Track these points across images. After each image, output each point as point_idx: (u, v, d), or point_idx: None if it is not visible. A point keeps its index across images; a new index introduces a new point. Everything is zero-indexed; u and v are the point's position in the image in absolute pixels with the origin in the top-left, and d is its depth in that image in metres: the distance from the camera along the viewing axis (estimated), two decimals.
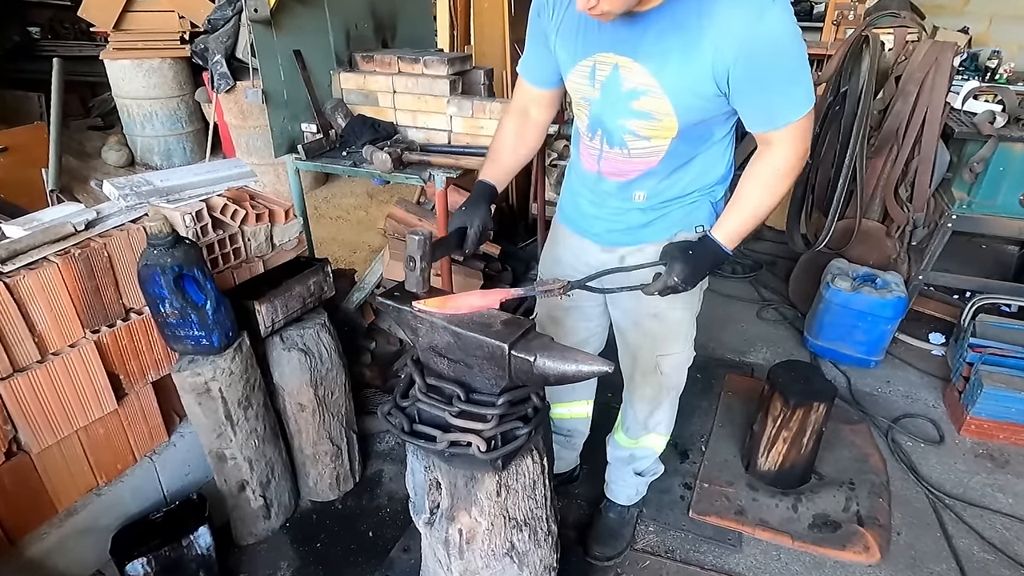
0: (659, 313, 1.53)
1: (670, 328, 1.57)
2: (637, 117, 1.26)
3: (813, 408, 1.97)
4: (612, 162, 1.37)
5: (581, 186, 1.50)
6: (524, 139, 1.51)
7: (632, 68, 1.21)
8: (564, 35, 1.29)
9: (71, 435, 1.58)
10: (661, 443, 1.83)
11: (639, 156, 1.33)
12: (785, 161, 1.24)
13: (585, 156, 1.43)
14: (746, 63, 1.12)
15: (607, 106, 1.29)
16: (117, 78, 4.58)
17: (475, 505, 1.24)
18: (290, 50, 2.37)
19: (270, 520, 1.94)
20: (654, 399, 1.70)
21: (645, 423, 1.76)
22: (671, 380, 1.67)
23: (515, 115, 1.50)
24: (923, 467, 2.27)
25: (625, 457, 1.87)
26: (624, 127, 1.29)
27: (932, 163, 2.68)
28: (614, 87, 1.25)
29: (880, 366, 2.80)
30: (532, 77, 1.45)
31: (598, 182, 1.43)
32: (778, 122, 1.20)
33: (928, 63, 2.60)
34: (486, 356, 1.12)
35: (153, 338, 1.68)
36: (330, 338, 1.95)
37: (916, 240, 2.85)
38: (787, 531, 1.97)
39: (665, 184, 1.37)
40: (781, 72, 1.14)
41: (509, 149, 1.49)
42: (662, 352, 1.60)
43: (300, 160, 2.39)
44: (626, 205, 1.42)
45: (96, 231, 1.56)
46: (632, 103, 1.24)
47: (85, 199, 3.93)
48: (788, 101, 1.17)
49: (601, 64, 1.25)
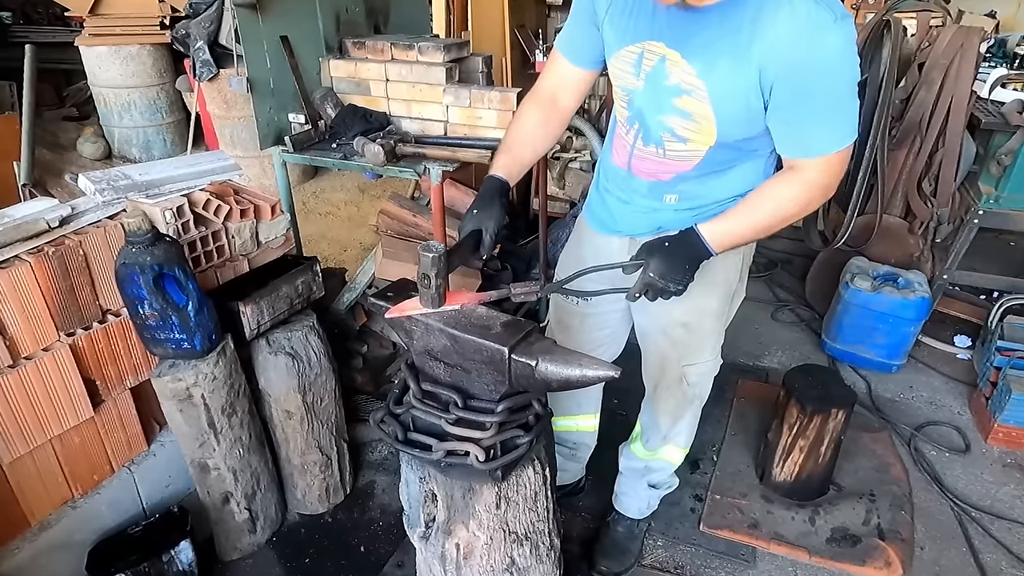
0: (689, 323, 1.52)
1: (700, 338, 1.55)
2: (678, 115, 1.24)
3: (831, 415, 1.97)
4: (644, 160, 1.36)
5: (609, 182, 1.48)
6: (548, 130, 1.45)
7: (679, 64, 1.19)
8: (616, 13, 1.27)
9: (45, 444, 1.58)
10: (679, 456, 1.83)
11: (674, 158, 1.32)
12: (808, 190, 1.22)
13: (617, 149, 1.42)
14: (789, 81, 1.10)
15: (649, 99, 1.27)
16: (93, 66, 4.58)
17: (473, 518, 1.24)
18: (277, 36, 2.37)
19: (256, 534, 1.94)
20: (677, 411, 1.70)
21: (666, 435, 1.76)
22: (696, 391, 1.66)
23: (540, 102, 1.45)
24: (948, 477, 2.27)
25: (640, 469, 1.87)
26: (663, 124, 1.28)
27: (957, 155, 2.68)
28: (659, 79, 1.23)
29: (902, 371, 2.80)
30: (572, 54, 1.41)
31: (628, 179, 1.42)
32: (812, 151, 1.18)
33: (953, 49, 2.60)
34: (485, 360, 1.12)
35: (132, 341, 1.68)
36: (319, 341, 1.95)
37: (940, 237, 2.85)
38: (804, 546, 1.97)
39: (699, 189, 1.35)
40: (826, 98, 1.12)
41: (529, 141, 1.43)
42: (689, 362, 1.59)
43: (287, 153, 2.39)
44: (656, 204, 1.40)
45: (71, 228, 1.56)
46: (675, 100, 1.22)
47: (59, 194, 3.93)
48: (827, 131, 1.15)
49: (649, 53, 1.23)
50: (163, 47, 4.62)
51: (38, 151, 4.21)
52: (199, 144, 4.66)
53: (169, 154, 4.81)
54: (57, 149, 4.68)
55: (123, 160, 4.78)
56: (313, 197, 4.69)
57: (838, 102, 1.13)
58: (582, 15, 1.35)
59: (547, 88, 1.46)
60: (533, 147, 1.45)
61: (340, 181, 4.92)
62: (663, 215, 1.41)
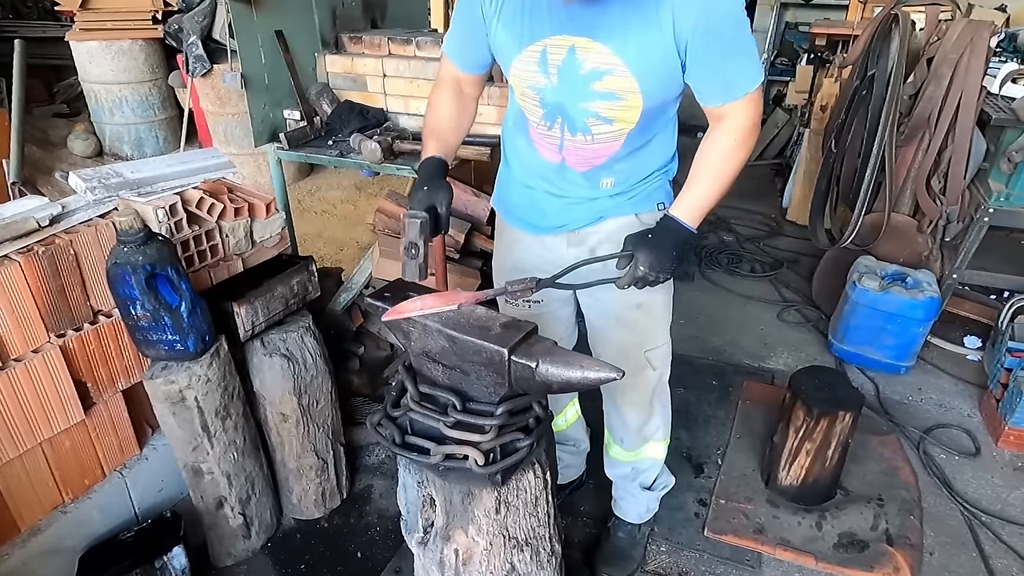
0: (644, 302, 1.55)
1: (656, 318, 1.60)
2: (601, 98, 1.28)
3: (838, 418, 1.97)
4: (575, 150, 1.39)
5: (536, 179, 1.50)
6: (465, 116, 1.52)
7: (591, 48, 1.23)
8: (508, 19, 1.29)
9: (35, 448, 1.58)
10: (661, 450, 1.84)
11: (603, 140, 1.36)
12: (741, 131, 1.30)
13: (543, 146, 1.44)
14: (705, 33, 1.18)
15: (566, 92, 1.30)
16: (84, 61, 4.58)
17: (472, 523, 1.24)
18: (271, 31, 2.37)
19: (250, 539, 1.94)
20: (645, 402, 1.71)
21: (641, 431, 1.76)
22: (661, 376, 1.70)
23: (448, 91, 1.50)
24: (958, 482, 2.27)
25: (627, 473, 1.88)
26: (587, 111, 1.31)
27: (967, 152, 2.68)
28: (572, 71, 1.26)
29: (911, 372, 2.80)
30: (462, 63, 1.45)
31: (561, 172, 1.44)
32: (736, 92, 1.26)
33: (963, 44, 2.60)
34: (484, 362, 1.12)
35: (123, 343, 1.68)
36: (315, 343, 1.95)
37: (950, 235, 2.85)
38: (810, 551, 1.97)
39: (630, 167, 1.42)
40: (737, 42, 1.22)
41: (453, 127, 1.50)
42: (650, 346, 1.62)
43: (282, 150, 2.39)
44: (593, 194, 1.45)
45: (61, 227, 1.56)
46: (594, 84, 1.26)
47: (49, 192, 3.93)
48: (745, 71, 1.25)
49: (554, 48, 1.26)
50: (155, 42, 4.62)
51: (28, 148, 4.22)
52: (192, 141, 4.67)
53: (161, 151, 4.81)
54: (47, 146, 4.68)
55: (114, 158, 4.79)
56: (309, 195, 4.70)
57: (746, 42, 1.24)
58: (469, 22, 1.37)
59: (449, 82, 1.51)
60: (456, 131, 1.51)
61: (336, 179, 4.92)
62: (601, 203, 1.46)
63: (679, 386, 2.69)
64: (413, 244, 1.17)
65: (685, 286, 3.53)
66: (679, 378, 2.74)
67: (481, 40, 1.37)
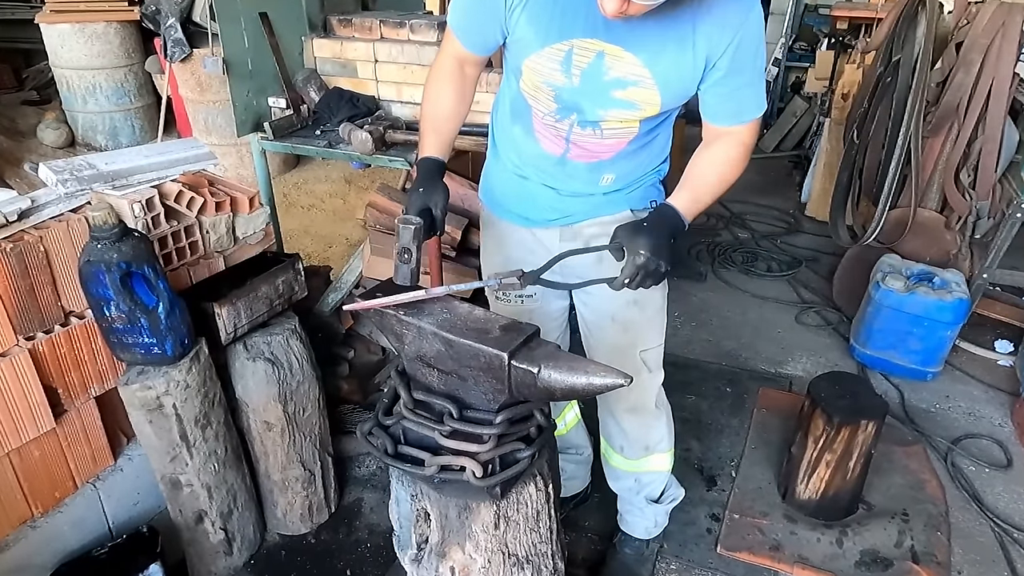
0: (640, 299, 1.55)
1: (650, 316, 1.63)
2: (619, 107, 1.34)
3: (860, 427, 1.97)
4: (582, 144, 1.43)
5: (531, 169, 1.52)
6: (464, 103, 1.54)
7: (622, 57, 1.28)
8: (534, 12, 1.30)
9: (1, 458, 1.58)
10: (667, 461, 1.85)
11: (612, 138, 1.42)
12: (743, 151, 1.39)
13: (546, 137, 1.46)
14: (732, 59, 1.27)
15: (586, 95, 1.34)
16: (55, 45, 4.58)
17: (469, 539, 1.24)
18: (255, 12, 2.38)
19: (232, 556, 1.94)
20: (642, 407, 1.73)
21: (642, 440, 1.78)
22: (657, 379, 1.72)
23: (450, 76, 1.51)
24: (988, 495, 2.27)
25: (631, 485, 1.88)
26: (602, 115, 1.37)
27: (999, 143, 2.68)
28: (596, 76, 1.31)
29: (938, 379, 2.80)
30: (469, 42, 1.45)
31: (561, 164, 1.47)
32: (744, 117, 1.37)
33: (994, 28, 2.61)
34: (482, 367, 1.12)
35: (97, 346, 1.69)
36: (301, 346, 1.95)
37: (980, 232, 2.85)
38: (831, 569, 1.97)
39: (632, 165, 1.49)
40: (755, 70, 1.32)
41: (450, 115, 1.51)
42: (645, 346, 1.65)
43: (267, 140, 2.39)
44: (590, 189, 1.50)
45: (31, 222, 1.56)
46: (615, 92, 1.32)
47: (18, 185, 3.94)
48: (756, 98, 1.35)
49: (582, 50, 1.29)
50: (131, 25, 4.63)
51: None
52: (170, 131, 4.67)
53: (138, 141, 4.82)
54: (16, 136, 4.68)
55: (88, 148, 4.79)
56: (295, 188, 4.70)
57: (760, 69, 1.34)
58: (485, 8, 1.37)
59: (450, 62, 1.51)
60: (456, 120, 1.54)
61: (324, 171, 4.93)
62: (595, 199, 1.52)
63: (689, 393, 2.71)
64: (406, 249, 1.19)
65: (696, 286, 3.54)
66: (689, 384, 2.77)
67: (495, 24, 1.36)
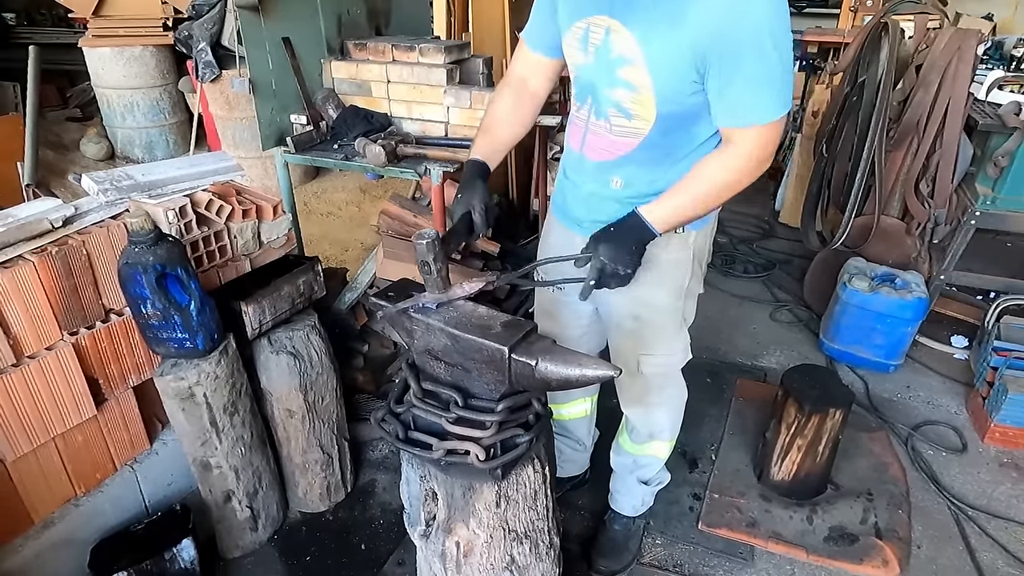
0: (639, 315, 1.55)
1: (652, 331, 1.57)
2: (623, 87, 1.26)
3: (829, 415, 1.97)
4: (596, 137, 1.37)
5: (568, 168, 1.51)
6: (521, 111, 1.49)
7: (621, 34, 1.20)
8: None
9: (48, 443, 1.58)
10: (665, 450, 1.84)
11: (619, 134, 1.33)
12: (739, 162, 1.22)
13: (573, 132, 1.44)
14: (722, 46, 1.11)
15: (598, 73, 1.28)
16: (96, 67, 4.58)
17: (473, 517, 1.24)
18: (279, 37, 2.37)
19: (257, 532, 1.94)
20: (641, 401, 1.71)
21: (647, 429, 1.77)
22: (653, 383, 1.67)
23: (512, 85, 1.49)
24: (945, 477, 2.27)
25: (629, 464, 1.88)
26: (611, 98, 1.29)
27: (955, 157, 2.68)
28: (606, 52, 1.24)
29: (900, 371, 2.80)
30: (533, 41, 1.44)
31: (580, 161, 1.44)
32: (741, 120, 1.18)
33: (950, 51, 2.60)
34: (485, 360, 1.12)
35: (134, 340, 1.68)
36: (320, 341, 1.95)
37: (938, 238, 2.85)
38: (801, 544, 1.97)
39: (643, 175, 1.35)
40: (757, 66, 1.12)
41: (505, 122, 1.48)
42: (644, 352, 1.62)
43: (289, 153, 2.39)
44: (603, 191, 1.41)
45: (74, 228, 1.56)
46: (619, 71, 1.24)
47: (63, 194, 3.93)
48: (758, 100, 1.15)
49: (595, 27, 1.25)
50: (166, 48, 4.62)
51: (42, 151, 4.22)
52: (201, 145, 4.66)
53: (172, 155, 4.81)
54: (60, 150, 4.68)
55: (126, 161, 4.78)
56: (315, 197, 4.69)
57: (768, 71, 1.13)
58: (544, 3, 1.37)
59: (517, 73, 1.49)
60: (510, 129, 1.49)
61: (341, 182, 4.92)
62: (609, 205, 1.40)
63: None
64: (424, 263, 1.15)
65: None
66: None
67: (551, 12, 1.35)
